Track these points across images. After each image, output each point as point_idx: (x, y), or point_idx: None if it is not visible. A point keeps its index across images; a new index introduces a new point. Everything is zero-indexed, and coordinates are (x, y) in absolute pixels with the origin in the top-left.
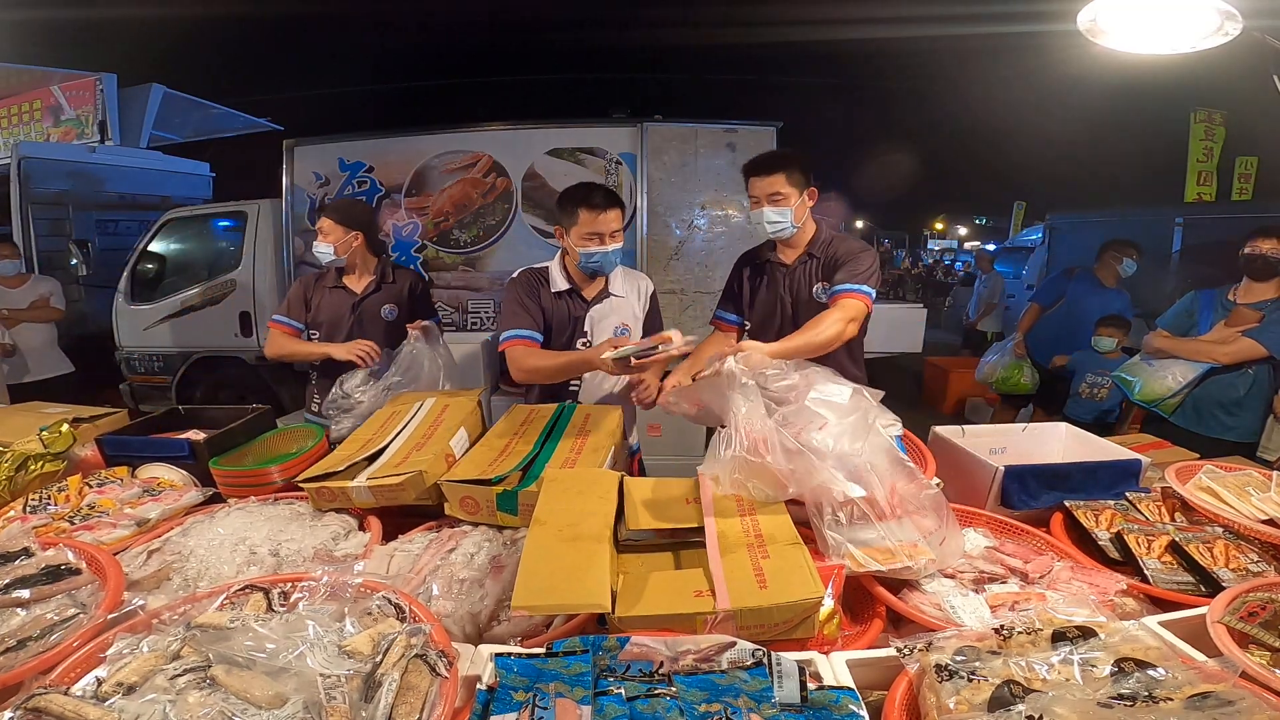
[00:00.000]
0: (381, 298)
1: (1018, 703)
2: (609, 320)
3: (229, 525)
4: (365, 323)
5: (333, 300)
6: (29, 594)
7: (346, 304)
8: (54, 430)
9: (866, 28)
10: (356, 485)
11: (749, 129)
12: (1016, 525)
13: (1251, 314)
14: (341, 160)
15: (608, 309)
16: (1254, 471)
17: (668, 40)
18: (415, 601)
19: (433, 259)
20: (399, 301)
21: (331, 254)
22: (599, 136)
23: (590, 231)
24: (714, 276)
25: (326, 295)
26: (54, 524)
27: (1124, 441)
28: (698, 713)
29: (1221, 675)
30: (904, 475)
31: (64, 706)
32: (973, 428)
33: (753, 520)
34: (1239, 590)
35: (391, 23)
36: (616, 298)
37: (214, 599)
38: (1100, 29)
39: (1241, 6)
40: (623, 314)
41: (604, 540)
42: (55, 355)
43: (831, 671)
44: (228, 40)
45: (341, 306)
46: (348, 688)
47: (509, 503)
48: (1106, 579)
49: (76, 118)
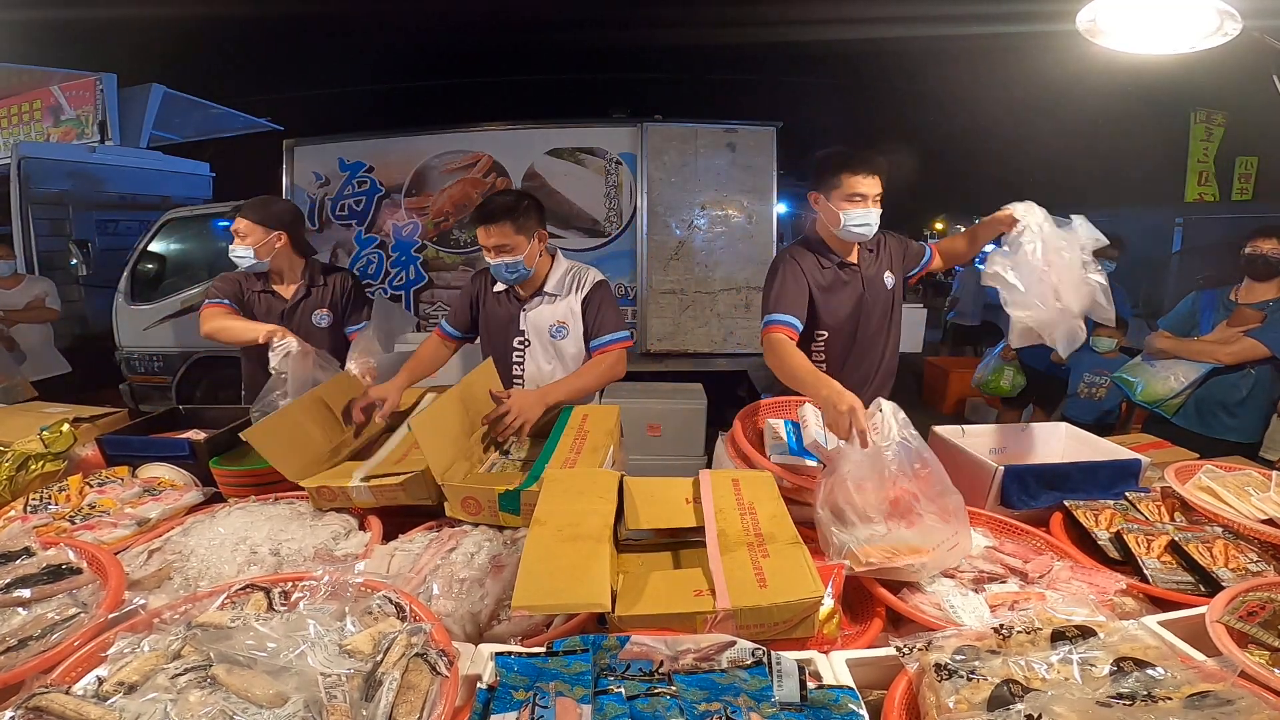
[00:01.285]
0: (312, 303)
1: (1017, 702)
2: (544, 319)
3: (229, 525)
4: (299, 332)
5: (264, 306)
6: (30, 593)
7: (277, 311)
8: (54, 430)
9: (866, 28)
10: (356, 485)
11: (749, 129)
12: (1016, 525)
13: (1253, 314)
14: (341, 160)
15: (543, 308)
16: (1253, 471)
17: (668, 40)
18: (416, 601)
19: (433, 259)
20: (332, 305)
21: (251, 257)
22: (599, 136)
23: (483, 245)
24: (714, 276)
25: (258, 300)
26: (55, 523)
27: (1124, 441)
28: (698, 712)
29: (1221, 675)
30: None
31: (65, 706)
32: (973, 428)
33: (753, 520)
34: (1238, 590)
35: (391, 23)
36: (550, 296)
37: (215, 598)
38: (1100, 29)
39: (1241, 6)
40: (558, 313)
41: (604, 540)
42: (52, 355)
43: (831, 671)
44: (228, 40)
45: (272, 314)
46: (348, 687)
47: (511, 502)
48: (1106, 579)
49: (76, 118)
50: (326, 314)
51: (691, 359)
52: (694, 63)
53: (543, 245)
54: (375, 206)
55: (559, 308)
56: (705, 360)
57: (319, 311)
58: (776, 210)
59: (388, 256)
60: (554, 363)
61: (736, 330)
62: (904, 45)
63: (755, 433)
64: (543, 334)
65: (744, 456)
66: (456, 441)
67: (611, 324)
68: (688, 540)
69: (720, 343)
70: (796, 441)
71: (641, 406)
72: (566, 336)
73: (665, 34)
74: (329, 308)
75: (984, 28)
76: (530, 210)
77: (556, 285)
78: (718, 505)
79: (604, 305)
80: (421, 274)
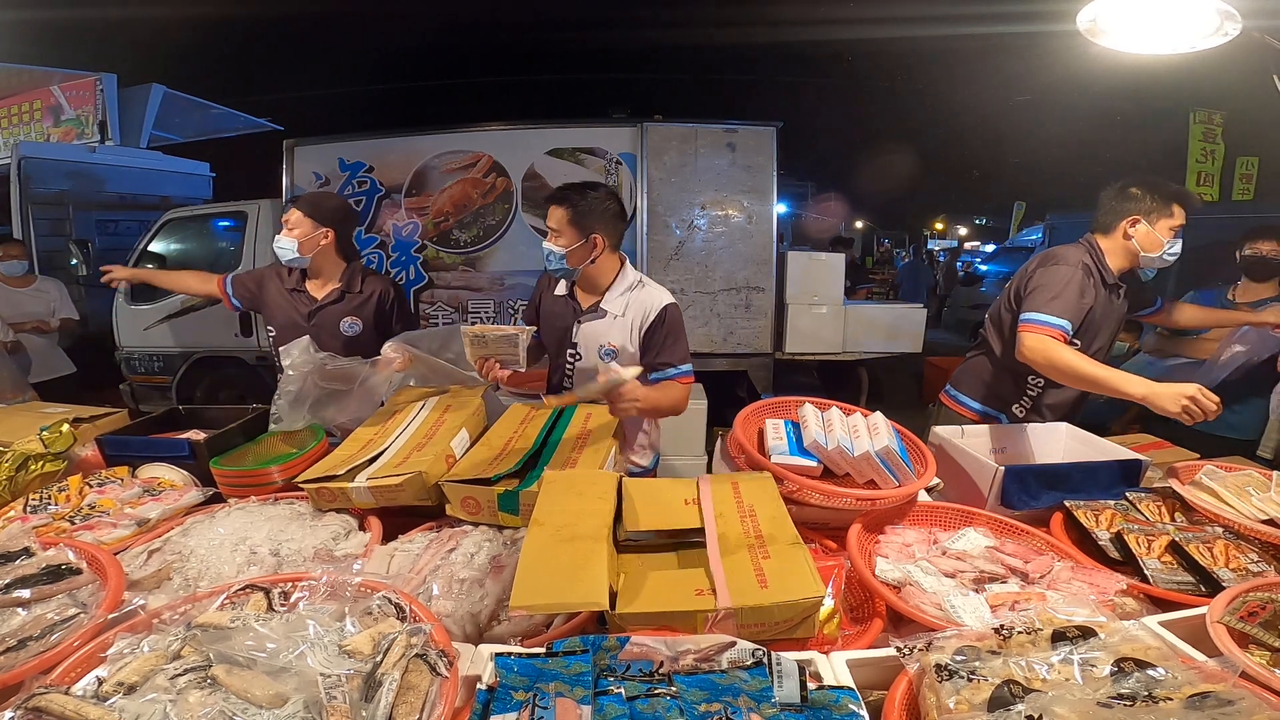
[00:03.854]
0: (342, 309)
1: (1017, 702)
2: (596, 336)
3: (229, 525)
4: (321, 335)
5: (290, 303)
6: (29, 594)
7: (303, 310)
8: (54, 430)
9: (866, 28)
10: (356, 486)
11: (749, 129)
12: (1016, 525)
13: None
14: (341, 160)
15: (598, 325)
16: (1254, 471)
17: (668, 40)
18: (415, 601)
19: (433, 259)
20: (363, 315)
21: (294, 251)
22: (599, 136)
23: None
24: (714, 276)
25: (285, 297)
26: (54, 524)
27: (1124, 441)
28: (698, 712)
29: (1221, 675)
30: None
31: (64, 706)
32: (972, 428)
33: (753, 521)
34: (1239, 590)
35: (391, 23)
36: (608, 314)
37: (214, 599)
38: (1100, 29)
39: (1241, 6)
40: (612, 334)
41: (602, 540)
42: (57, 356)
43: (831, 671)
44: (228, 40)
45: (296, 312)
46: (348, 687)
47: (510, 503)
48: (1106, 579)
49: (76, 118)
50: (355, 322)
51: (691, 359)
52: (694, 63)
53: (597, 252)
54: (375, 206)
55: (614, 329)
56: (705, 360)
57: (349, 319)
58: (776, 210)
59: (388, 256)
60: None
61: (736, 330)
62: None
63: (755, 433)
64: (591, 353)
65: (744, 456)
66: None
67: (677, 355)
68: (687, 541)
69: (720, 343)
70: (796, 441)
71: None
72: (614, 360)
73: (665, 34)
74: (360, 317)
75: (984, 28)
76: (596, 209)
77: (618, 305)
78: (718, 509)
79: (669, 335)
80: (421, 274)
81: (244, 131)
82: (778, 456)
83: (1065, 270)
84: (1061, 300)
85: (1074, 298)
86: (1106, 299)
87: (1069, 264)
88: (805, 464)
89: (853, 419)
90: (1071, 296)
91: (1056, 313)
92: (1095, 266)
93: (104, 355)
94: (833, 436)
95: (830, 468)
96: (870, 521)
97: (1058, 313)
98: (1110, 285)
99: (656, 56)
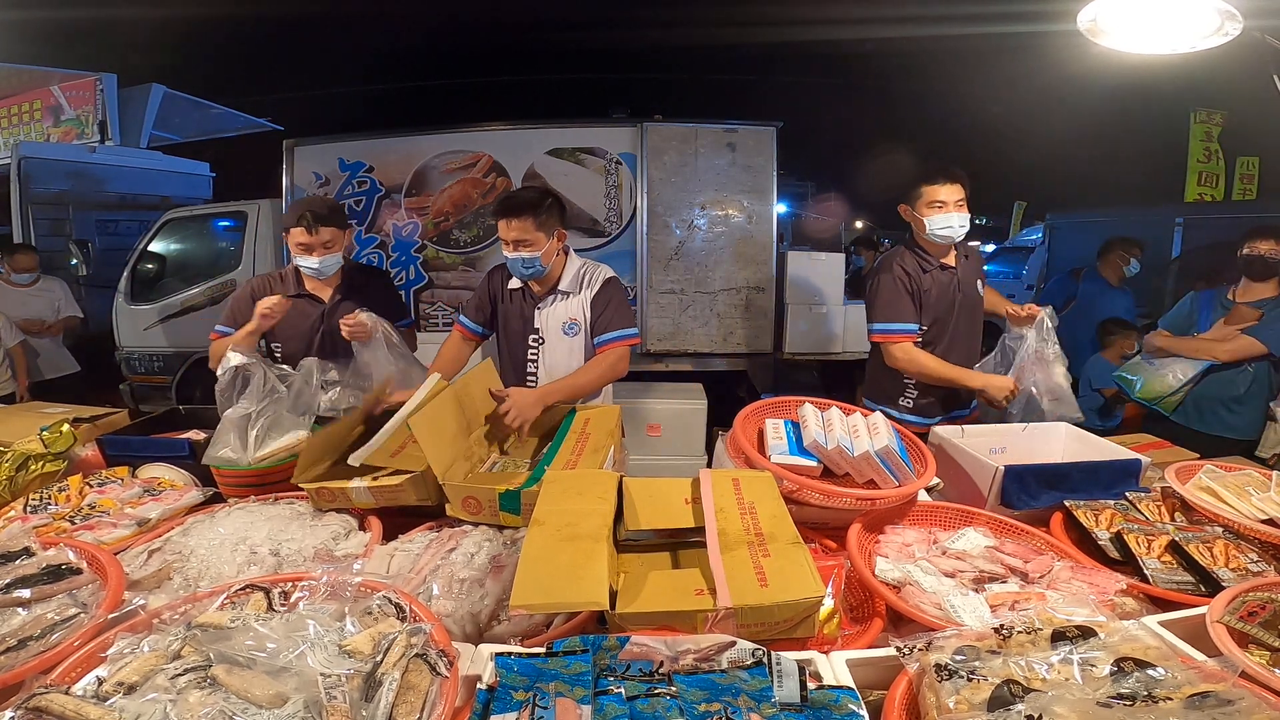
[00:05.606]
0: (349, 307)
1: (1017, 702)
2: (557, 317)
3: (229, 525)
4: (336, 335)
5: (295, 310)
6: (30, 593)
7: (313, 314)
8: (54, 430)
9: (866, 28)
10: (356, 486)
11: (749, 129)
12: (1016, 525)
13: (1251, 312)
14: (341, 160)
15: (558, 305)
16: (1254, 471)
17: (668, 40)
18: (415, 601)
19: (433, 259)
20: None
21: (337, 265)
22: (599, 136)
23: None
24: (713, 277)
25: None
26: (55, 524)
27: (1124, 441)
28: (698, 712)
29: (1221, 675)
30: None
31: (65, 706)
32: (972, 428)
33: (753, 519)
34: (1239, 590)
35: (391, 23)
36: (563, 294)
37: (215, 598)
38: (1100, 29)
39: (1241, 6)
40: (571, 310)
41: (602, 539)
42: (61, 355)
43: (831, 671)
44: (228, 40)
45: (306, 317)
46: (348, 687)
47: (512, 502)
48: (1106, 579)
49: (76, 118)
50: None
51: (691, 359)
52: (694, 63)
53: (560, 244)
54: (375, 206)
55: (571, 305)
56: (705, 360)
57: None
58: (776, 210)
59: (387, 256)
60: (567, 360)
61: (736, 330)
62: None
63: (755, 433)
64: (556, 331)
65: (744, 456)
66: (455, 441)
67: (618, 320)
68: (688, 541)
69: (720, 343)
70: (796, 441)
71: (641, 406)
72: (578, 333)
73: (665, 34)
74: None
75: (984, 28)
76: (553, 208)
77: (570, 283)
78: (718, 504)
79: (611, 302)
80: (421, 274)
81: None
82: (777, 456)
83: (884, 279)
84: (894, 306)
85: (900, 299)
86: (938, 280)
87: (884, 271)
88: (805, 464)
89: (852, 419)
90: (898, 299)
91: (893, 318)
92: (915, 259)
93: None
94: (832, 436)
95: (830, 467)
96: (870, 521)
97: (894, 317)
98: (937, 267)
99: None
